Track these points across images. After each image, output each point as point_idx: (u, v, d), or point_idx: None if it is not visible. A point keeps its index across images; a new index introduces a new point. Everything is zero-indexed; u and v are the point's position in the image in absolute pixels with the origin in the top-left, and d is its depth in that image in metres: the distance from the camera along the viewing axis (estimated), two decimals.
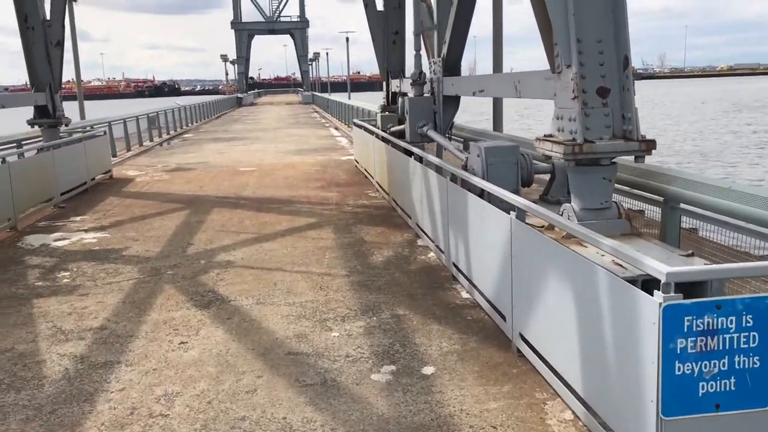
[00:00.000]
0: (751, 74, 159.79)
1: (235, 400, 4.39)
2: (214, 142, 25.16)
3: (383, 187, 11.91)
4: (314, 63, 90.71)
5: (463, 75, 9.92)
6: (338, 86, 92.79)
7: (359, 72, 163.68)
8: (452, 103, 9.91)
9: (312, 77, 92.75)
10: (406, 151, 9.85)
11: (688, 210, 5.26)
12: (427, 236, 8.23)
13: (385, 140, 11.61)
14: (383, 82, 14.34)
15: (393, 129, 11.97)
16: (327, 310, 6.09)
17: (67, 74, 18.84)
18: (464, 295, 6.39)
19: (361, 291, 6.63)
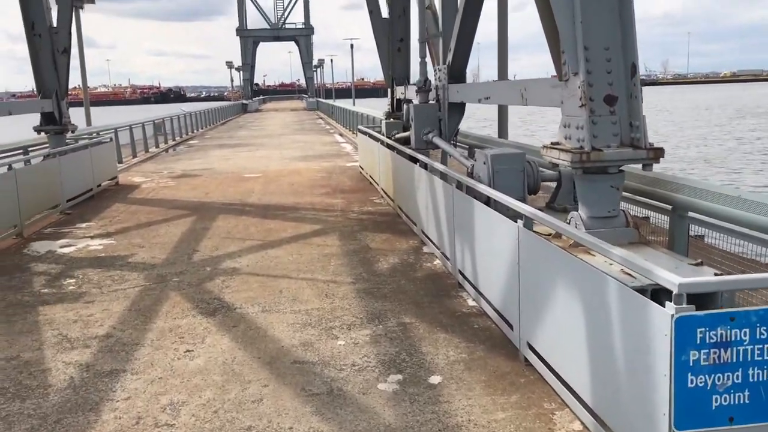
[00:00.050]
0: (755, 80, 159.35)
1: (241, 409, 4.36)
2: (220, 148, 25.21)
3: (388, 194, 11.89)
4: (319, 69, 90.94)
5: (467, 82, 9.92)
6: (343, 92, 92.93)
7: (363, 78, 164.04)
8: (457, 110, 9.91)
9: (316, 84, 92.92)
10: (411, 158, 9.83)
11: (696, 218, 5.21)
12: (433, 243, 8.20)
13: (390, 147, 11.60)
14: (388, 89, 14.36)
15: (398, 136, 11.95)
16: (333, 318, 6.06)
17: (74, 81, 18.99)
18: (470, 303, 6.36)
19: (366, 298, 6.60)
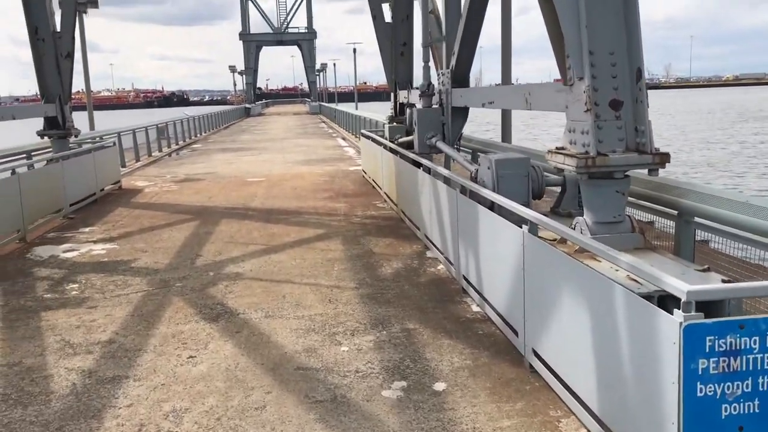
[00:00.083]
0: (757, 84, 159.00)
1: (244, 416, 4.33)
2: (223, 152, 25.23)
3: (391, 198, 11.87)
4: (321, 73, 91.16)
5: (470, 86, 9.90)
6: (345, 96, 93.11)
7: (366, 82, 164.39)
8: (461, 114, 9.88)
9: (319, 87, 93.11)
10: (415, 162, 9.82)
11: (702, 224, 5.17)
12: (437, 248, 8.17)
13: (393, 151, 11.59)
14: (391, 93, 14.36)
15: (401, 140, 11.94)
16: (336, 323, 6.03)
17: (77, 85, 18.99)
18: (475, 308, 6.32)
19: (370, 304, 6.57)
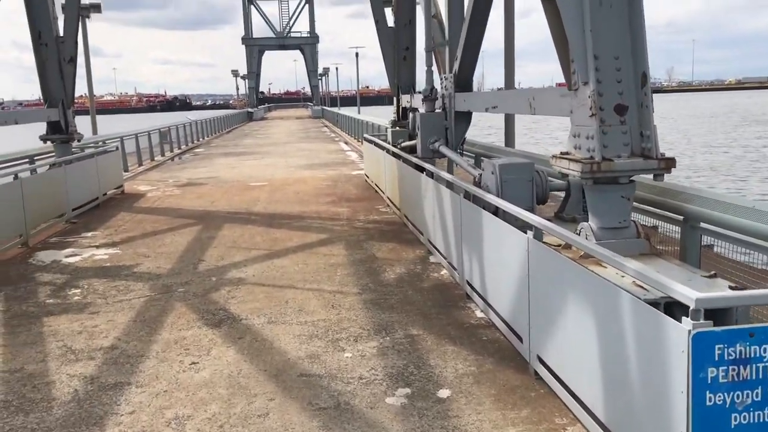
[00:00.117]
0: (760, 88, 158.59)
1: (247, 424, 4.30)
2: (225, 156, 25.24)
3: (394, 203, 11.84)
4: (324, 78, 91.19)
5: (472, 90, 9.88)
6: (347, 100, 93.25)
7: (368, 86, 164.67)
8: (464, 118, 9.86)
9: (321, 92, 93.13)
10: (418, 167, 9.79)
11: (709, 229, 5.14)
12: (440, 253, 8.13)
13: (396, 155, 11.56)
14: (393, 98, 14.34)
15: (404, 144, 11.91)
16: (339, 329, 6.00)
17: (80, 89, 18.97)
18: (478, 314, 6.29)
19: (373, 309, 6.54)
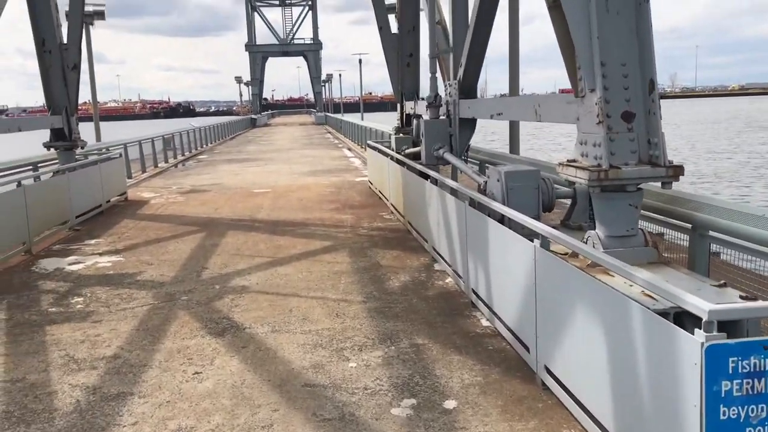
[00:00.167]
0: (763, 93, 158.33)
1: None
2: (229, 163, 25.24)
3: (398, 210, 11.79)
4: (327, 84, 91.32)
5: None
6: (351, 107, 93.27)
7: (371, 93, 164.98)
8: (468, 125, 9.82)
9: (325, 98, 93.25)
10: (422, 174, 9.75)
11: (718, 238, 5.07)
12: (445, 261, 8.08)
13: (400, 162, 11.53)
14: (397, 104, 14.32)
15: (408, 151, 11.89)
16: (344, 338, 5.95)
17: (84, 96, 19.04)
18: (484, 323, 6.23)
19: (378, 318, 6.48)
